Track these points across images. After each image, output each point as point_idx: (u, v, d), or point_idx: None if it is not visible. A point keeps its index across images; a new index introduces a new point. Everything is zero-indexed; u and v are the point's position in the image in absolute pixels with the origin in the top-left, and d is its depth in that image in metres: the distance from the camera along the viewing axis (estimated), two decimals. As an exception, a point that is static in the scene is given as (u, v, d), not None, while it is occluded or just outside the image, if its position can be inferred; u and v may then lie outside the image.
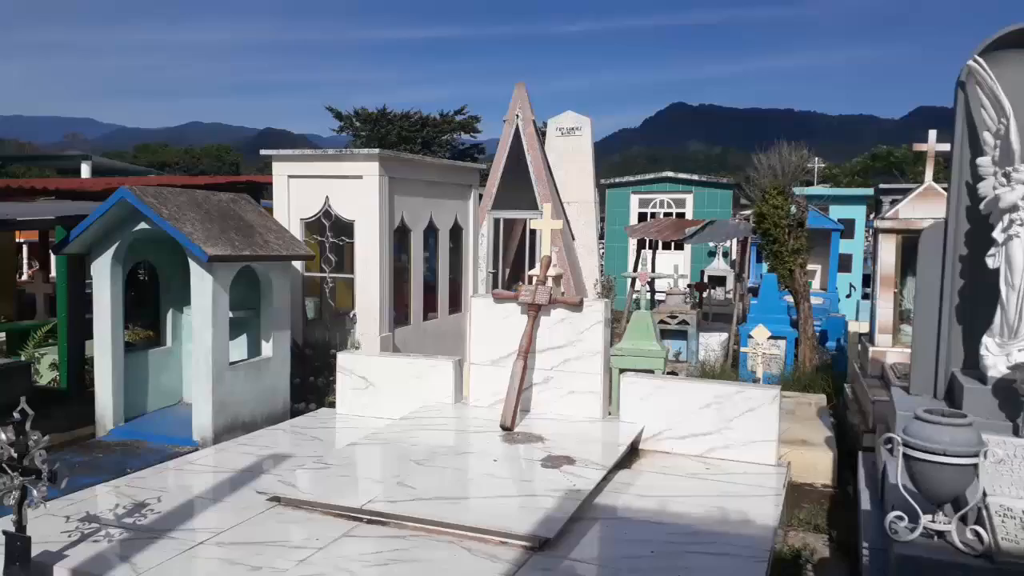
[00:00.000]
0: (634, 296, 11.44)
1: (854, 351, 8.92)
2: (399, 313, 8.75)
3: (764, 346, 9.04)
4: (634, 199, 20.30)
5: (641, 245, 17.38)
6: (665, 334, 11.00)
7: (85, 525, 4.04)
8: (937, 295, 4.62)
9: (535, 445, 5.25)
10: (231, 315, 6.73)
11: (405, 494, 4.35)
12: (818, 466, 6.16)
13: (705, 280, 16.51)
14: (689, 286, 16.13)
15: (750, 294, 13.15)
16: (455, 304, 9.80)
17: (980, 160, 4.45)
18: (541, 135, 13.79)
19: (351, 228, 8.28)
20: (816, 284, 14.80)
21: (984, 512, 3.17)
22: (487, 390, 6.06)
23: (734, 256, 16.80)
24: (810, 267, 13.29)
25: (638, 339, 8.68)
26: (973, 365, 4.45)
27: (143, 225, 6.49)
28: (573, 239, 13.67)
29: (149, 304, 8.05)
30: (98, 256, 6.70)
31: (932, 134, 7.34)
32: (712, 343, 11.30)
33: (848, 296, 14.76)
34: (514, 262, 13.70)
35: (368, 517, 4.17)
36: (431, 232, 9.39)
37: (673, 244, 18.04)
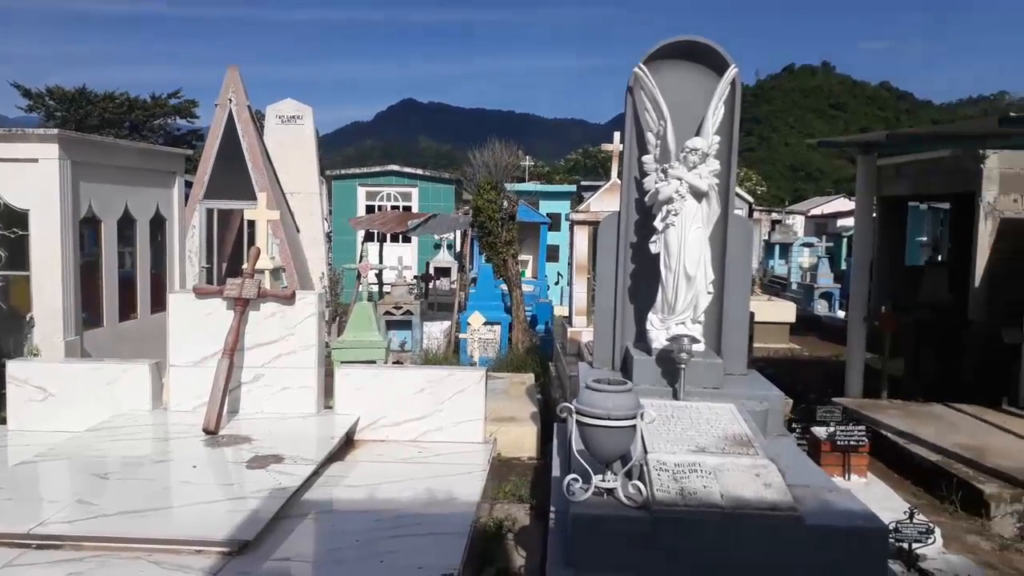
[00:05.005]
0: (359, 288, 11.39)
1: (559, 332, 9.70)
2: (90, 314, 7.86)
3: (480, 331, 9.50)
4: (361, 191, 20.18)
5: (369, 238, 17.35)
6: (391, 324, 11.10)
7: None
8: (613, 278, 5.17)
9: (242, 446, 5.01)
10: None
11: (85, 512, 3.93)
12: (524, 441, 6.59)
13: (431, 271, 16.92)
14: (416, 277, 16.43)
15: (473, 284, 13.71)
16: (159, 302, 9.00)
17: (645, 158, 5.04)
18: (259, 122, 13.18)
19: (26, 218, 7.27)
20: (528, 273, 15.83)
21: (645, 467, 3.60)
22: (189, 393, 5.65)
23: (459, 248, 17.40)
24: (523, 257, 14.18)
25: (360, 330, 8.67)
26: (643, 339, 5.05)
27: None
28: (298, 231, 13.26)
29: None
30: None
31: (616, 136, 8.18)
32: (435, 331, 11.61)
33: (556, 283, 16.03)
34: (232, 256, 12.95)
35: (38, 542, 3.69)
36: (128, 223, 8.54)
37: (401, 237, 18.24)
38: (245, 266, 6.19)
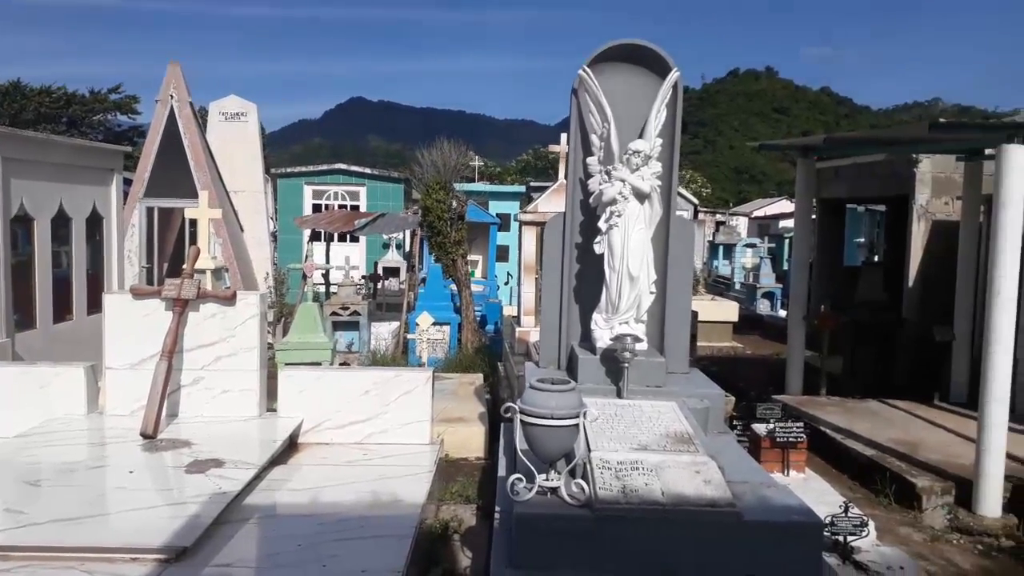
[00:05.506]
0: (305, 289, 11.24)
1: (508, 332, 9.72)
2: (22, 316, 7.59)
3: (429, 332, 9.46)
4: (308, 190, 19.92)
5: (316, 237, 17.14)
6: (338, 326, 10.98)
7: None
8: (558, 279, 5.20)
9: (181, 451, 4.89)
10: None
11: (14, 521, 3.79)
12: (472, 441, 6.59)
13: (379, 271, 16.79)
14: (364, 277, 16.29)
15: (422, 284, 13.64)
16: (96, 304, 8.74)
17: (589, 159, 5.08)
18: (201, 119, 12.91)
19: (-49, 217, 6.98)
20: (478, 273, 15.84)
21: (588, 466, 3.63)
22: (127, 396, 5.49)
23: (408, 248, 17.31)
24: (473, 258, 14.17)
25: (305, 332, 8.56)
26: (588, 338, 5.09)
27: None
28: (242, 230, 13.03)
29: None
30: None
31: (563, 137, 8.23)
32: (383, 332, 11.53)
33: (506, 283, 16.07)
34: (173, 256, 12.66)
35: (-38, 554, 3.55)
36: (62, 222, 8.27)
37: (349, 236, 18.07)
38: (185, 266, 6.06)
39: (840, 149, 10.38)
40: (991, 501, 5.66)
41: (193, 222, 10.29)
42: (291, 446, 5.36)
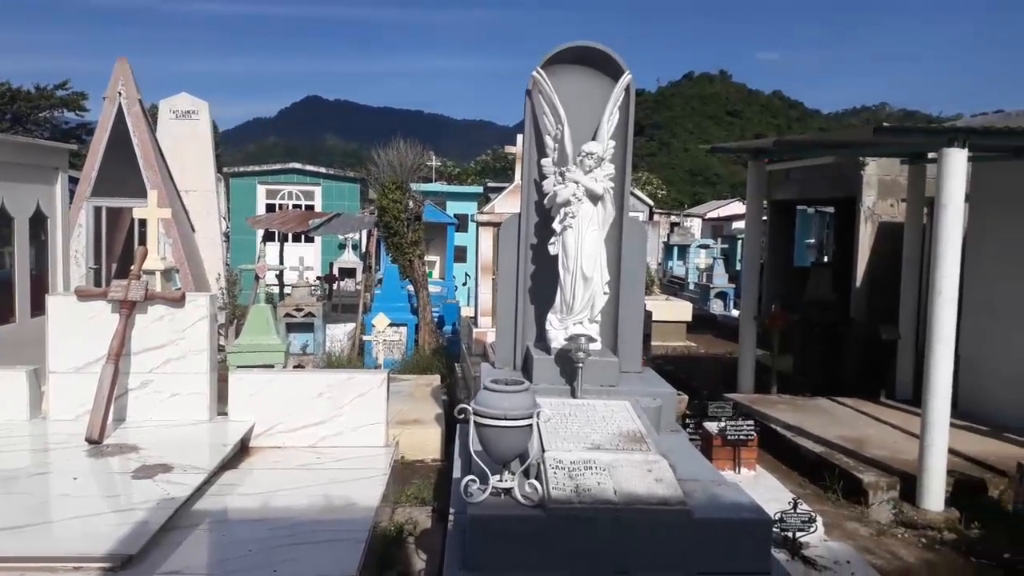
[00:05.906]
0: (257, 290, 11.08)
1: (466, 333, 9.70)
2: (-40, 318, 7.34)
3: (386, 333, 9.40)
4: (261, 190, 19.62)
5: (270, 237, 16.90)
6: (292, 327, 10.85)
7: None
8: (514, 279, 5.22)
9: (128, 456, 4.78)
10: None
11: (-51, 531, 3.66)
12: (428, 443, 6.57)
13: (335, 272, 16.63)
14: (319, 278, 16.11)
15: (379, 285, 13.54)
16: (40, 306, 8.47)
17: (543, 161, 5.11)
18: (151, 117, 12.64)
19: None
20: (436, 274, 15.78)
21: (541, 466, 3.64)
22: (72, 401, 5.35)
23: (365, 248, 17.16)
24: (430, 258, 14.13)
25: (257, 334, 8.44)
26: (543, 339, 5.11)
27: None
28: (193, 230, 12.78)
29: None
30: None
31: (519, 138, 8.22)
32: (338, 334, 11.42)
33: (464, 284, 16.04)
34: (122, 256, 12.36)
35: None
36: (4, 221, 8.02)
37: (304, 237, 17.85)
38: (133, 267, 5.92)
39: (790, 152, 10.59)
40: (934, 496, 5.84)
41: (142, 222, 10.06)
42: (242, 450, 5.28)
